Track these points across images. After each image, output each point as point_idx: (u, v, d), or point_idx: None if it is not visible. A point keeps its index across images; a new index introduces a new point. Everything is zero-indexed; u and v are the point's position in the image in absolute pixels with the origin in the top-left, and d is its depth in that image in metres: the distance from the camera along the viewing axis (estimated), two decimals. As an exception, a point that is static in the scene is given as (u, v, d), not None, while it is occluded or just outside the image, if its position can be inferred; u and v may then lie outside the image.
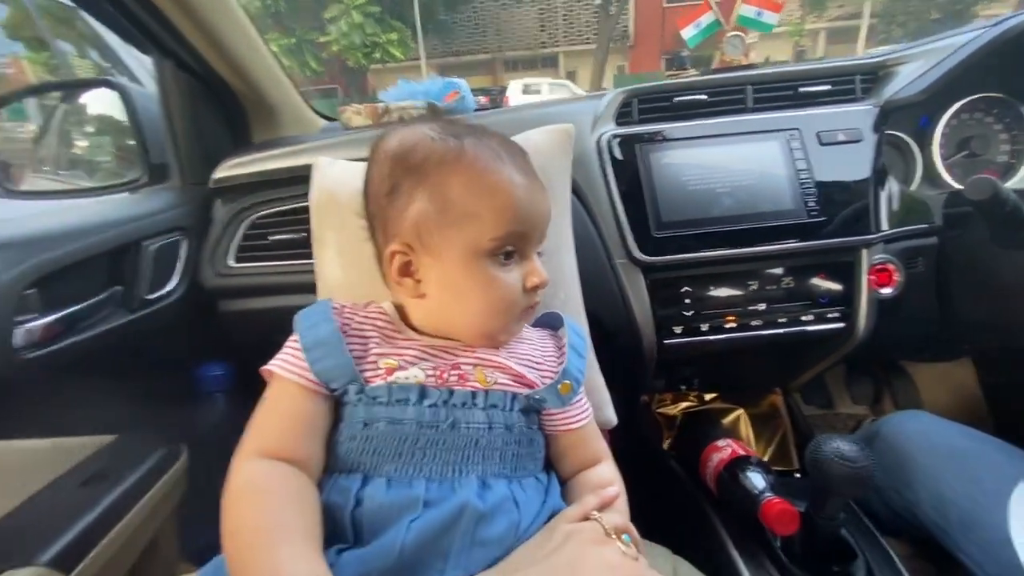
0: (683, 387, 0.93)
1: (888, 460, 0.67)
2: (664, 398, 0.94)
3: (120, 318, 0.69)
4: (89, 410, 0.70)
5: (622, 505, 0.48)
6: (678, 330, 0.72)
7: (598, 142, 0.72)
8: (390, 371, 0.45)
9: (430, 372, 0.45)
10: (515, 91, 10.79)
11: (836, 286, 0.73)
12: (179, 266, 0.78)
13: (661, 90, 0.77)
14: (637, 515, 0.51)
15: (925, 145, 0.82)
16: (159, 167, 0.84)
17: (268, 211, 0.78)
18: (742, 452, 0.71)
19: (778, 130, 0.73)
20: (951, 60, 0.71)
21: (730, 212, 0.70)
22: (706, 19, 0.85)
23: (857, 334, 0.74)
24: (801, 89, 0.76)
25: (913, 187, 0.81)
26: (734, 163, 0.72)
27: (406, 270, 0.47)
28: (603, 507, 0.46)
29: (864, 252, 0.72)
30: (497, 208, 0.44)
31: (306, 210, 0.71)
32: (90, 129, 0.98)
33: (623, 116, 0.77)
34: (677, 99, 0.76)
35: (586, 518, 0.44)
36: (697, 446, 0.77)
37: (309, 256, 0.71)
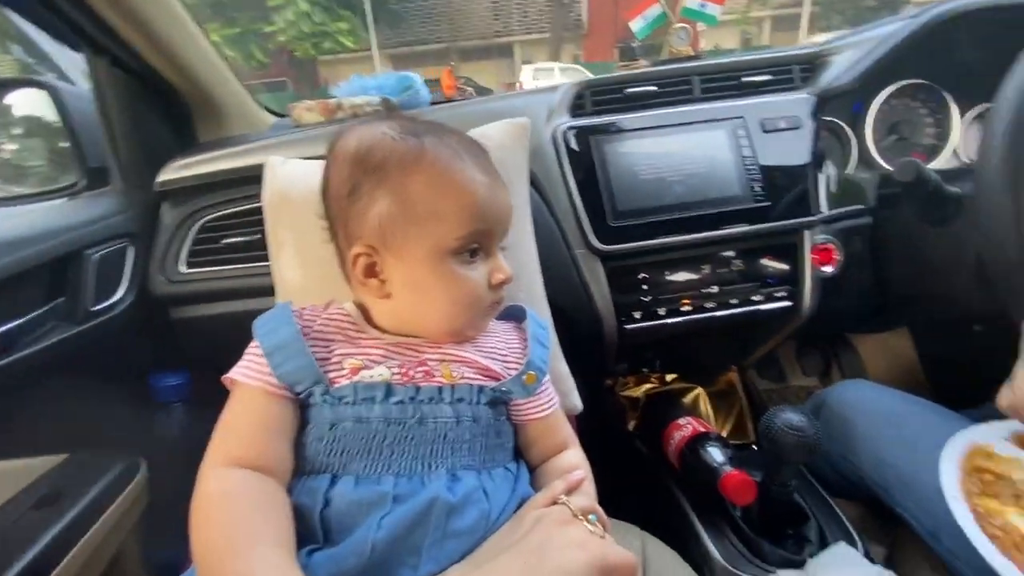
0: (645, 369, 0.96)
1: (833, 427, 0.72)
2: (627, 381, 0.98)
3: (65, 331, 0.65)
4: (39, 429, 0.67)
5: (589, 488, 0.50)
6: (637, 315, 0.74)
7: (553, 134, 0.73)
8: (355, 371, 0.45)
9: (396, 370, 0.46)
10: (527, 77, 11.04)
11: (782, 266, 0.77)
12: (126, 274, 0.75)
13: (613, 82, 0.78)
14: (606, 495, 0.53)
15: (859, 130, 0.86)
16: (98, 171, 0.80)
17: (219, 213, 0.76)
18: (702, 429, 0.74)
19: (724, 119, 0.76)
20: (879, 49, 0.76)
21: (682, 199, 0.73)
22: (653, 11, 0.87)
23: (803, 311, 0.78)
24: (744, 79, 0.79)
25: (849, 170, 0.86)
26: (684, 152, 0.75)
27: (371, 271, 0.47)
28: (570, 491, 0.47)
29: (806, 233, 0.77)
30: (460, 207, 0.44)
31: (260, 211, 0.70)
32: (18, 131, 0.91)
33: (577, 108, 0.78)
34: (628, 90, 0.78)
35: (554, 503, 0.45)
36: (660, 425, 0.80)
37: (265, 258, 0.70)
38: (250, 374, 0.45)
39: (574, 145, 0.73)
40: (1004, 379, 0.83)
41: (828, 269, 0.78)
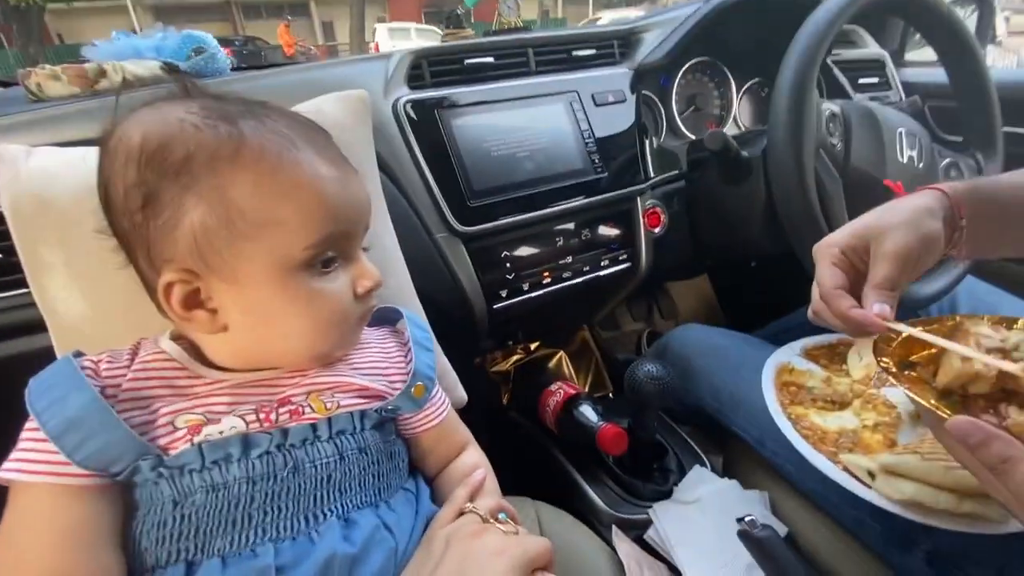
0: (510, 342, 0.98)
1: (676, 366, 0.82)
2: (495, 357, 0.98)
3: None
4: None
5: (491, 483, 0.49)
6: (503, 293, 0.74)
7: (395, 109, 0.67)
8: (196, 428, 0.36)
9: (251, 417, 0.37)
10: (383, 37, 9.81)
11: (622, 231, 0.84)
12: None
13: (450, 51, 0.74)
14: (496, 474, 0.53)
15: (666, 103, 0.97)
16: None
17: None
18: (572, 391, 0.78)
19: (561, 92, 0.78)
20: (681, 29, 0.85)
21: (533, 175, 0.73)
22: (481, -22, 0.85)
23: (641, 269, 0.86)
24: (574, 53, 0.82)
25: (661, 139, 0.97)
26: (529, 126, 0.75)
27: (194, 301, 0.36)
28: (474, 495, 0.45)
29: (639, 199, 0.84)
30: (304, 209, 0.36)
31: None
32: None
33: (415, 79, 0.72)
34: (468, 61, 0.74)
35: (460, 513, 0.43)
36: (533, 394, 0.83)
37: (16, 285, 0.52)
38: (32, 468, 0.32)
39: (418, 120, 0.68)
40: (777, 302, 1.05)
41: (657, 230, 0.87)
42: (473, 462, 0.50)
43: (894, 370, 0.44)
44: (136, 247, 0.36)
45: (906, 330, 0.43)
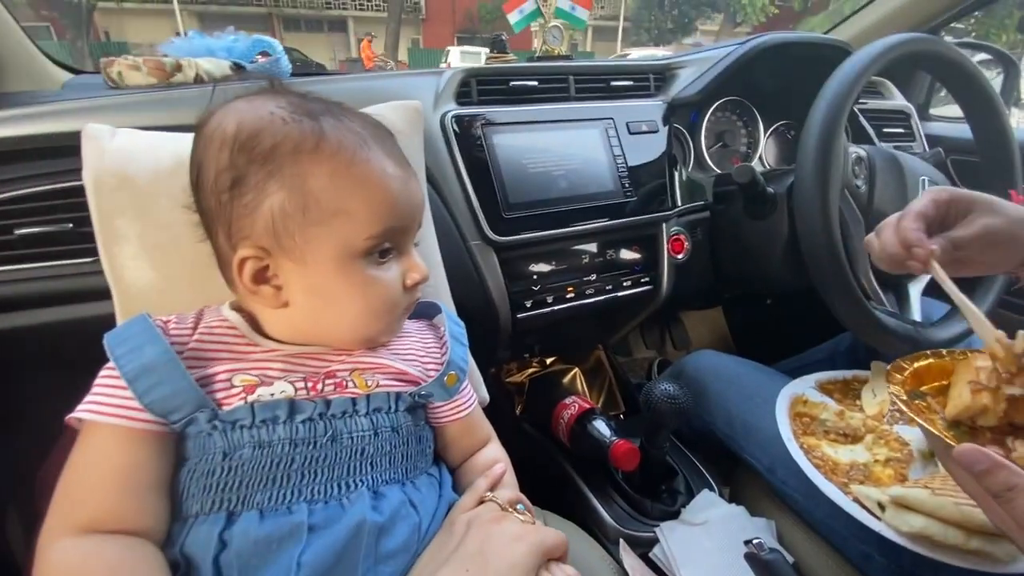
0: (526, 355, 1.00)
1: (690, 390, 0.83)
2: (510, 368, 1.00)
3: None
4: None
5: (510, 479, 0.51)
6: (528, 303, 0.76)
7: (442, 121, 0.71)
8: (250, 389, 0.39)
9: (300, 385, 0.40)
10: (455, 59, 10.18)
11: (645, 255, 0.87)
12: None
13: (498, 73, 0.78)
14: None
15: (695, 137, 1.01)
16: None
17: (5, 196, 0.57)
18: (587, 406, 0.80)
19: (598, 119, 0.82)
20: (715, 69, 0.89)
21: (566, 193, 0.77)
22: (529, 6, 0.90)
23: (661, 294, 0.89)
24: (612, 83, 0.86)
25: (688, 170, 1.00)
26: (565, 147, 0.78)
27: (262, 277, 0.40)
28: (493, 486, 0.48)
29: (664, 225, 0.87)
30: (371, 203, 0.39)
31: (69, 193, 0.55)
32: None
33: (462, 96, 0.77)
34: (513, 83, 0.79)
35: (481, 501, 0.45)
36: (547, 407, 0.85)
37: (83, 254, 0.56)
38: (104, 410, 0.36)
39: (463, 134, 0.72)
40: (790, 340, 1.06)
41: (680, 257, 0.90)
42: (494, 456, 0.52)
43: (904, 397, 0.45)
44: (218, 224, 0.40)
45: (950, 289, 0.45)
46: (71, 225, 0.56)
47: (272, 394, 0.39)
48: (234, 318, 0.42)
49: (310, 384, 0.40)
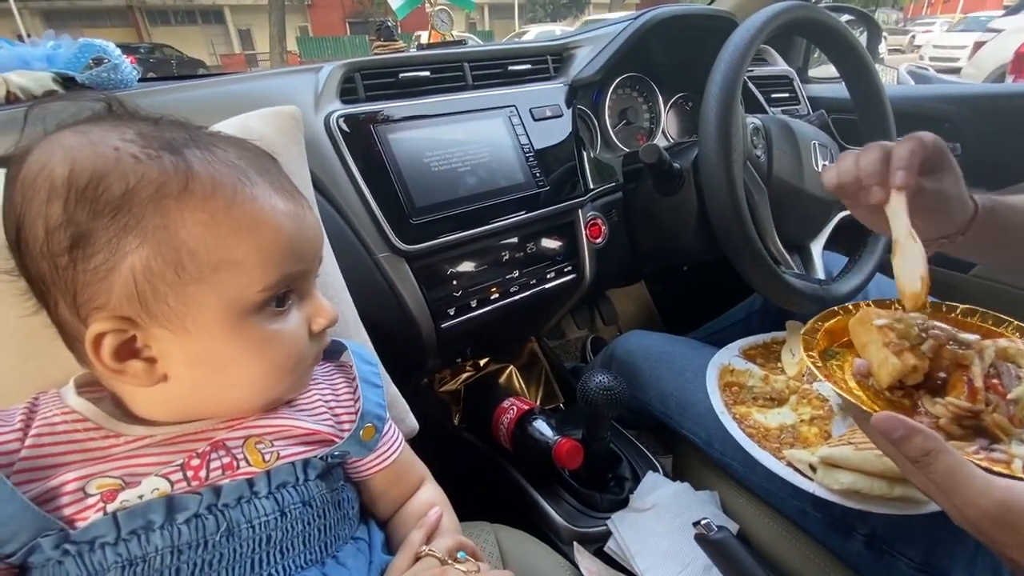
0: (458, 360, 0.96)
1: (623, 372, 0.84)
2: (443, 376, 0.96)
3: None
4: None
5: (449, 522, 0.46)
6: (451, 311, 0.72)
7: (327, 124, 0.64)
8: (110, 495, 0.31)
9: (177, 475, 0.33)
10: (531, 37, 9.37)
11: (565, 244, 0.85)
12: None
13: (384, 64, 0.72)
14: (450, 498, 0.51)
15: (599, 117, 1.00)
16: None
17: None
18: (525, 407, 0.78)
19: (499, 107, 0.78)
20: (612, 46, 0.87)
21: (475, 190, 0.72)
22: (412, -10, 0.83)
23: (586, 280, 0.88)
24: (510, 67, 0.82)
25: (596, 152, 0.99)
26: (468, 141, 0.74)
27: (127, 351, 0.32)
28: (430, 536, 0.43)
29: (580, 212, 0.85)
30: (261, 249, 0.33)
31: None
32: None
33: (347, 93, 0.69)
34: (403, 75, 0.72)
35: (417, 558, 0.40)
36: (485, 412, 0.81)
37: None
38: None
39: (354, 136, 0.65)
40: (709, 305, 1.10)
41: (598, 241, 0.89)
42: (428, 499, 0.47)
43: (819, 364, 0.46)
44: (57, 293, 0.31)
45: (903, 224, 0.46)
46: None
47: (140, 496, 0.32)
48: (83, 407, 0.34)
49: (191, 472, 0.33)
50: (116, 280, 0.30)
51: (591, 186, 0.86)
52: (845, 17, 1.38)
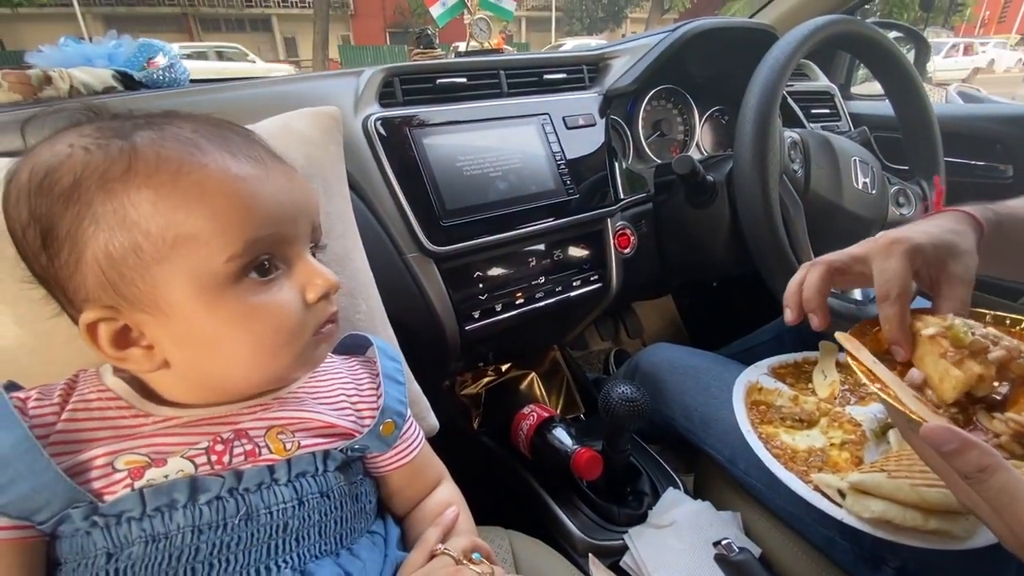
0: (480, 364, 0.96)
1: (647, 385, 0.82)
2: (465, 379, 0.96)
3: None
4: None
5: (465, 522, 0.46)
6: (476, 314, 0.72)
7: (365, 126, 0.65)
8: (137, 472, 0.32)
9: (201, 458, 0.34)
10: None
11: (593, 252, 0.85)
12: None
13: (423, 70, 0.73)
14: (467, 501, 0.51)
15: (633, 128, 1.00)
16: None
17: None
18: (545, 414, 0.77)
19: (533, 115, 0.78)
20: (648, 57, 0.87)
21: (505, 195, 0.73)
22: (451, -1, 0.85)
23: (612, 290, 0.87)
24: (545, 76, 0.83)
25: (628, 162, 0.99)
26: (501, 147, 0.75)
27: (123, 339, 0.33)
28: (445, 535, 0.43)
29: (609, 221, 0.85)
30: (217, 216, 0.31)
31: None
32: None
33: (386, 96, 0.71)
34: (440, 81, 0.74)
35: (432, 556, 0.40)
36: (505, 417, 0.81)
37: None
38: None
39: (390, 138, 0.66)
40: (738, 322, 1.07)
41: (627, 251, 0.88)
42: (446, 499, 0.47)
43: (873, 359, 0.44)
44: (55, 291, 0.33)
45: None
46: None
47: (166, 475, 0.33)
48: (118, 387, 0.36)
49: (214, 457, 0.34)
50: (86, 271, 0.31)
51: (621, 196, 0.85)
52: (893, 34, 1.34)
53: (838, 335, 0.62)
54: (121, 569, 0.31)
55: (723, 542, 0.55)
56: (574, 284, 0.83)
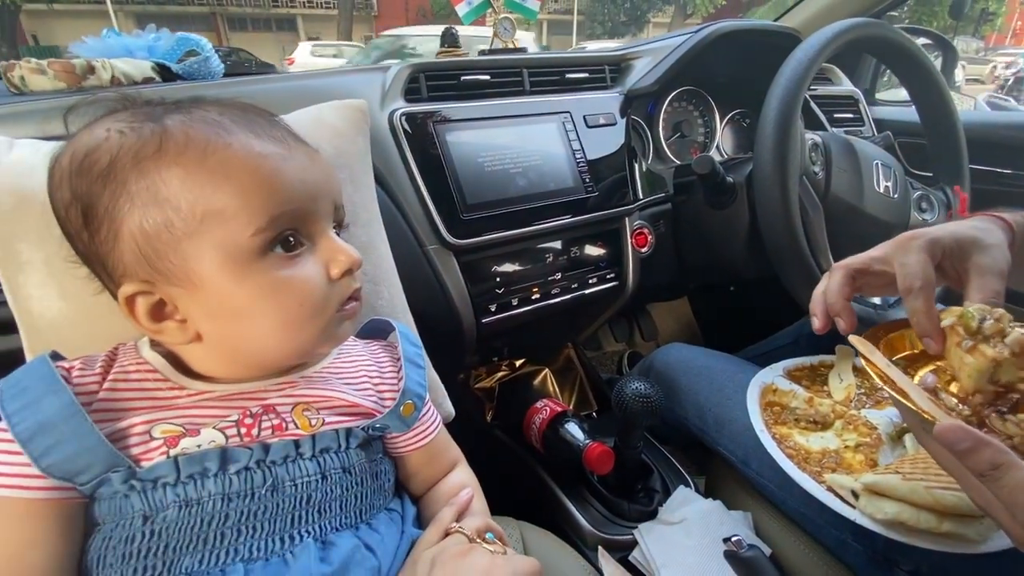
0: (495, 359, 0.97)
1: (661, 385, 0.82)
2: (479, 373, 0.97)
3: None
4: None
5: (479, 505, 0.47)
6: (493, 308, 0.73)
7: (391, 120, 0.67)
8: (173, 440, 0.34)
9: (231, 430, 0.36)
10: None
11: (610, 251, 0.85)
12: None
13: (447, 67, 0.75)
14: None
15: (653, 128, 1.00)
16: None
17: None
18: (559, 409, 0.78)
19: (554, 113, 0.79)
20: (671, 58, 0.87)
21: (525, 191, 0.74)
22: (477, -3, 0.87)
23: (628, 289, 0.87)
24: (567, 75, 0.84)
25: (647, 163, 0.99)
26: (521, 144, 0.76)
27: (160, 313, 0.35)
28: (460, 515, 0.44)
29: (627, 220, 0.86)
30: (242, 192, 0.33)
31: None
32: None
33: (411, 92, 0.73)
34: (464, 78, 0.75)
35: (446, 534, 0.42)
36: (518, 411, 0.82)
37: None
38: None
39: (414, 133, 0.68)
40: (755, 327, 1.06)
41: (644, 250, 0.89)
42: (461, 481, 0.49)
43: (887, 362, 0.44)
44: (96, 268, 0.35)
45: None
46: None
47: (199, 445, 0.34)
48: (155, 359, 0.38)
49: (243, 429, 0.36)
50: (123, 247, 0.33)
51: (640, 195, 0.86)
52: (922, 40, 1.32)
53: (852, 338, 0.62)
54: (156, 531, 0.33)
55: (733, 539, 0.55)
56: (590, 281, 0.83)
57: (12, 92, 0.61)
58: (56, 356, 0.37)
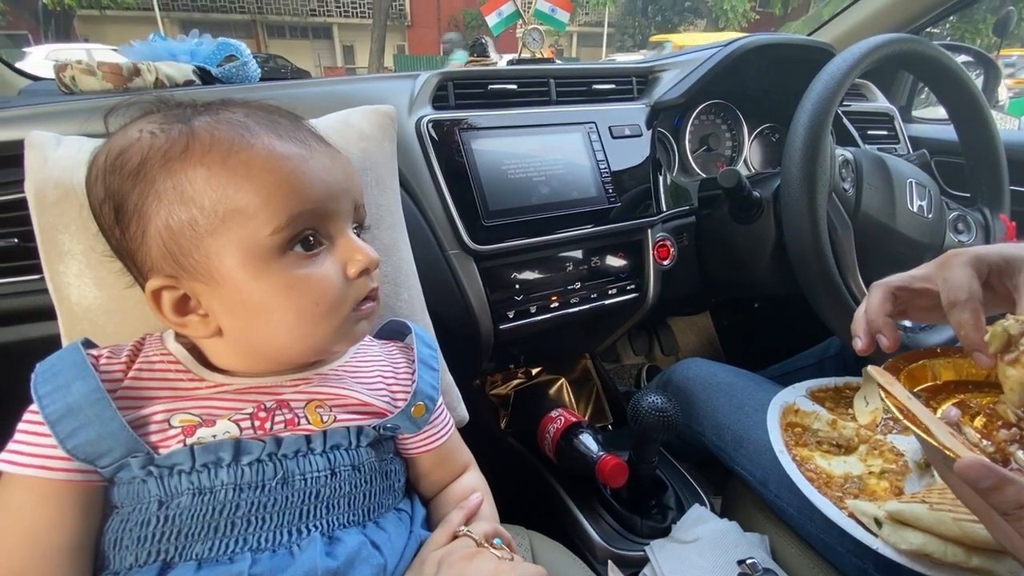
0: (511, 366, 0.97)
1: (678, 400, 0.81)
2: (495, 380, 0.97)
3: None
4: None
5: (488, 510, 0.47)
6: (511, 314, 0.74)
7: (418, 127, 0.68)
8: (190, 430, 0.35)
9: (246, 422, 0.37)
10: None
11: (631, 262, 0.85)
12: None
13: (475, 76, 0.76)
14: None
15: (679, 140, 0.99)
16: None
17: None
18: (573, 419, 0.77)
19: (579, 123, 0.80)
20: (699, 71, 0.87)
21: (547, 200, 0.74)
22: (507, 8, 0.88)
23: (648, 301, 0.87)
24: (594, 86, 0.84)
25: (673, 175, 0.98)
26: (545, 153, 0.76)
27: (184, 307, 0.36)
28: (469, 519, 0.44)
29: (649, 231, 0.85)
30: (263, 192, 0.34)
31: (13, 206, 0.52)
32: None
33: (439, 100, 0.74)
34: (491, 87, 0.76)
35: (455, 536, 0.42)
36: (532, 420, 0.82)
37: (30, 271, 0.52)
38: (24, 459, 0.32)
39: (440, 139, 0.69)
40: (778, 345, 1.04)
41: (666, 263, 0.88)
42: (471, 485, 0.49)
43: (907, 394, 0.43)
44: (126, 262, 0.37)
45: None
46: (16, 240, 0.53)
47: (214, 435, 0.36)
48: (178, 351, 0.39)
49: (257, 422, 0.37)
50: (151, 243, 0.35)
51: (663, 207, 0.85)
52: (962, 58, 1.29)
53: (871, 369, 0.59)
54: (171, 516, 0.34)
55: (748, 561, 0.54)
56: (610, 292, 0.83)
57: (62, 91, 0.64)
58: (88, 344, 0.39)
